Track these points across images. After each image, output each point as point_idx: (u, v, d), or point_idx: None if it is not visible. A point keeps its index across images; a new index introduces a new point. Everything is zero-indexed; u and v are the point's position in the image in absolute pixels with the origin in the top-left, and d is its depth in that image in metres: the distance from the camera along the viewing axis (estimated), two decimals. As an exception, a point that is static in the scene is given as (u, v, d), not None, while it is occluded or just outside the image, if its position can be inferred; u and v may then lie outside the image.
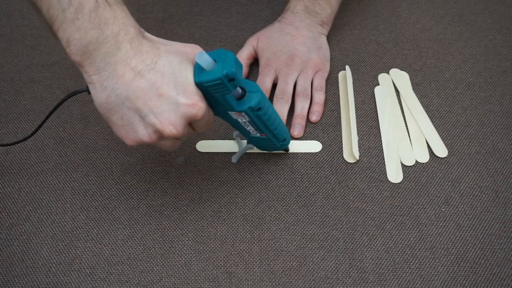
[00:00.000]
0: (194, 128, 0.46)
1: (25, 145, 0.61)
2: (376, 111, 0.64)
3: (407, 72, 0.68)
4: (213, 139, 0.61)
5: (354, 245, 0.53)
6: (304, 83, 0.63)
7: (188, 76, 0.42)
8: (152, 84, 0.40)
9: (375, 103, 0.65)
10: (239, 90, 0.46)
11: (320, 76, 0.65)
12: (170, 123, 0.41)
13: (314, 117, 0.63)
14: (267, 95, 0.63)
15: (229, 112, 0.47)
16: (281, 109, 0.61)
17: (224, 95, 0.43)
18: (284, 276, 0.51)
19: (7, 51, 0.72)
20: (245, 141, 0.59)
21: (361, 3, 0.78)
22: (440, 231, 0.54)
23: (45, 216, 0.55)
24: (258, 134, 0.52)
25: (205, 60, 0.41)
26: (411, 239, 0.53)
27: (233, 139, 0.61)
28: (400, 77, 0.68)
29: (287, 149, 0.60)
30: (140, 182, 0.58)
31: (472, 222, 0.54)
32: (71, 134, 0.62)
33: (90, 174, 0.59)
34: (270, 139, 0.53)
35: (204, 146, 0.61)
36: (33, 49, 0.72)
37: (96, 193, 0.57)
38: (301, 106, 0.62)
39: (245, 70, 0.67)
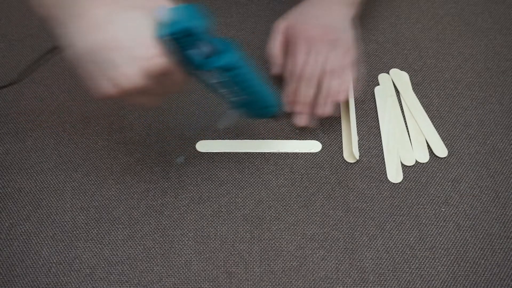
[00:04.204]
0: (163, 86, 0.45)
1: (25, 145, 0.61)
2: (376, 111, 0.64)
3: (407, 72, 0.68)
4: (213, 139, 0.61)
5: (354, 245, 0.53)
6: (334, 60, 0.60)
7: (148, 29, 0.41)
8: (112, 37, 0.40)
9: (375, 103, 0.65)
10: (206, 47, 0.43)
11: (350, 56, 0.62)
12: (128, 76, 0.41)
13: (341, 97, 0.60)
14: (298, 69, 0.60)
15: (199, 71, 0.45)
16: (307, 87, 0.60)
17: (185, 50, 0.42)
18: (284, 276, 0.51)
19: (7, 51, 0.72)
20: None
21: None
22: (440, 231, 0.54)
23: (45, 216, 0.55)
24: (235, 98, 0.49)
25: (165, 14, 0.40)
26: (411, 239, 0.53)
27: (234, 139, 0.61)
28: (400, 77, 0.68)
29: (276, 116, 0.56)
30: (140, 182, 0.58)
31: (472, 222, 0.54)
32: (71, 134, 0.62)
33: (90, 174, 0.59)
34: (249, 104, 0.51)
35: (204, 146, 0.61)
36: (33, 49, 0.72)
37: (96, 193, 0.57)
38: (328, 86, 0.60)
39: (280, 58, 0.64)
